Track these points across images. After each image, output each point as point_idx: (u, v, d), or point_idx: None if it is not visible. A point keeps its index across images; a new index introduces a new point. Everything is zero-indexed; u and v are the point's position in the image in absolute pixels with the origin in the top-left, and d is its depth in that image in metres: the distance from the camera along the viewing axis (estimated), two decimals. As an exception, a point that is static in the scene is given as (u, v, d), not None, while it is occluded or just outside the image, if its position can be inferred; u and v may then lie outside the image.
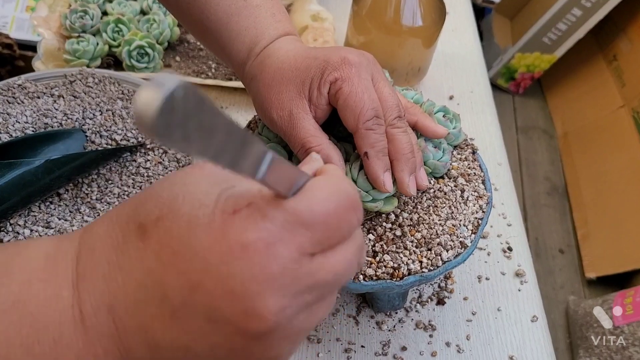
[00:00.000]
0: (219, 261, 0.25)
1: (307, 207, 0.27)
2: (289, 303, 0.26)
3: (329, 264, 0.28)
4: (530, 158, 2.06)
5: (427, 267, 0.47)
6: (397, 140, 0.46)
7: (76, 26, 0.74)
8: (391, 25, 0.72)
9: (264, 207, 0.26)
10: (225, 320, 0.26)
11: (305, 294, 0.27)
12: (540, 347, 0.57)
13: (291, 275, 0.26)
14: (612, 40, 2.04)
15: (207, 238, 0.26)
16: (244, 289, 0.25)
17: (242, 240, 0.25)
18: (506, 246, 0.65)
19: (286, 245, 0.26)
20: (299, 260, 0.26)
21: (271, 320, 0.26)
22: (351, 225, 0.29)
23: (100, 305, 0.27)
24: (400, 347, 0.56)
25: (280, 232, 0.26)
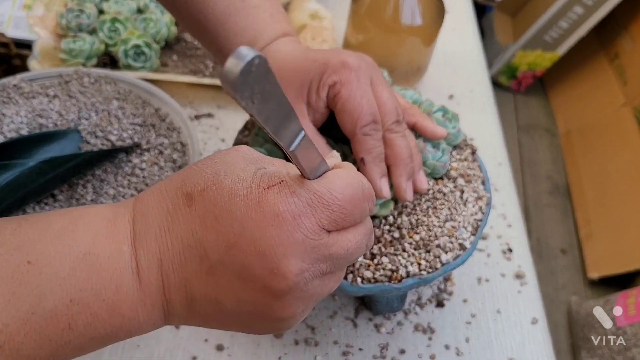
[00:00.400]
0: (254, 226, 0.30)
1: (328, 190, 0.32)
2: (307, 267, 0.31)
3: (343, 241, 0.33)
4: (532, 157, 2.05)
5: (425, 270, 0.46)
6: (395, 145, 0.46)
7: (72, 25, 0.74)
8: (390, 24, 0.71)
9: (293, 185, 0.31)
10: (253, 277, 0.31)
11: (321, 262, 0.32)
12: (540, 350, 0.57)
13: (311, 244, 0.31)
14: (614, 38, 2.03)
15: (245, 206, 0.30)
16: (272, 251, 0.30)
17: (274, 210, 0.30)
18: (506, 247, 0.64)
19: (309, 219, 0.31)
20: (319, 233, 0.31)
21: (291, 280, 0.31)
22: (363, 212, 0.34)
23: (152, 261, 0.32)
24: (399, 350, 0.55)
25: (305, 208, 0.31)
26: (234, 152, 0.34)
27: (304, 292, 0.32)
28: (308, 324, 0.56)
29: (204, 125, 0.73)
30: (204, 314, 0.33)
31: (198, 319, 0.34)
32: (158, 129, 0.61)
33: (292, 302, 0.32)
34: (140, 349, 0.53)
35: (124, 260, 0.32)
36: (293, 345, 0.54)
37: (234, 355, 0.53)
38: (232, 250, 0.30)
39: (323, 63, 0.45)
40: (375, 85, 0.46)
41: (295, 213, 0.31)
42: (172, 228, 0.32)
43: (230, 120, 0.74)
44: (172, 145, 0.60)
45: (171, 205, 0.32)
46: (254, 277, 0.31)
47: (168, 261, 0.32)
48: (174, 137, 0.61)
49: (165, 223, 0.32)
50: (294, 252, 0.30)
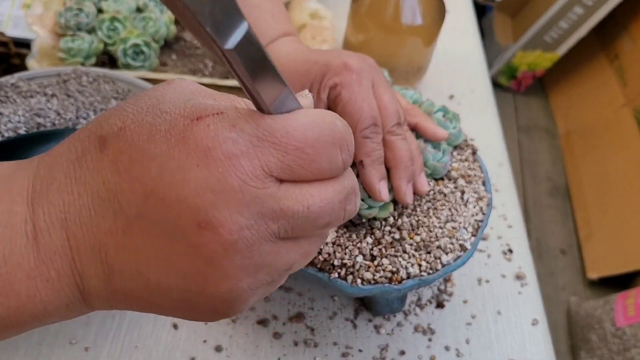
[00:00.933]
0: (175, 167, 0.24)
1: (283, 127, 0.25)
2: (248, 223, 0.25)
3: (301, 195, 0.26)
4: (531, 158, 2.04)
5: (426, 271, 0.46)
6: (395, 147, 0.45)
7: (71, 24, 0.73)
8: (391, 24, 0.71)
9: (235, 117, 0.25)
10: (178, 233, 0.24)
11: (268, 219, 0.25)
12: (540, 351, 0.56)
13: (252, 192, 0.24)
14: (614, 38, 2.03)
15: (165, 143, 0.25)
16: (198, 198, 0.24)
17: (202, 146, 0.24)
18: (507, 248, 0.64)
19: (250, 160, 0.24)
20: (263, 179, 0.25)
21: (226, 237, 0.24)
22: (333, 163, 0.27)
23: (54, 220, 0.26)
24: (399, 351, 0.55)
25: (247, 146, 0.25)
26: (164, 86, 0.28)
27: (248, 259, 0.25)
28: (307, 324, 0.55)
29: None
30: (127, 291, 0.27)
31: (122, 299, 0.27)
32: (157, 128, 0.61)
33: (232, 271, 0.25)
34: (138, 350, 0.52)
35: (14, 223, 0.26)
36: (292, 346, 0.54)
37: (232, 356, 0.53)
38: (150, 199, 0.24)
39: (324, 65, 0.45)
40: (376, 88, 0.46)
41: (231, 151, 0.24)
42: (79, 177, 0.26)
43: (229, 120, 0.73)
44: (171, 144, 0.60)
45: (81, 151, 0.27)
46: (178, 233, 0.25)
47: (75, 218, 0.26)
48: (173, 136, 0.61)
49: (72, 172, 0.26)
50: (228, 201, 0.24)
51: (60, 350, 0.51)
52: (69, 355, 0.51)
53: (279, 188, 0.25)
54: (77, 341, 0.52)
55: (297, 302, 0.57)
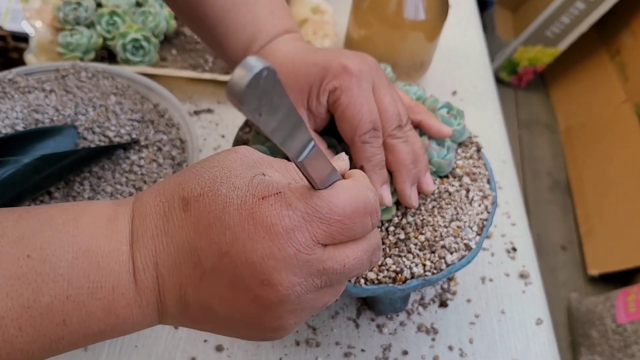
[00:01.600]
0: (246, 237, 0.30)
1: (328, 205, 0.31)
2: (299, 281, 0.31)
3: (339, 256, 0.32)
4: (532, 153, 2.04)
5: (430, 271, 0.45)
6: (397, 151, 0.45)
7: (70, 18, 0.72)
8: (393, 19, 0.70)
9: (290, 197, 0.31)
10: (244, 287, 0.30)
11: (314, 276, 0.31)
12: (545, 352, 0.56)
13: (304, 259, 0.30)
14: (615, 34, 2.01)
15: (238, 216, 0.30)
16: (263, 263, 0.30)
17: (267, 222, 0.30)
18: (510, 246, 0.63)
19: (302, 233, 0.30)
20: (312, 247, 0.31)
21: (282, 293, 0.30)
22: (365, 228, 0.33)
23: (148, 262, 0.32)
24: (402, 351, 0.54)
25: (300, 222, 0.30)
26: (232, 155, 0.34)
27: (296, 305, 0.32)
28: (309, 324, 0.55)
29: (204, 121, 0.72)
30: (196, 317, 0.33)
31: (191, 322, 0.34)
32: (157, 125, 0.60)
33: (284, 314, 0.32)
34: (138, 350, 0.52)
35: (121, 260, 0.32)
36: (294, 346, 0.53)
37: (233, 356, 0.52)
38: (224, 259, 0.30)
39: (323, 67, 0.44)
40: (377, 90, 0.45)
41: (288, 227, 0.30)
42: (167, 230, 0.32)
43: (230, 116, 0.73)
44: (171, 141, 0.59)
45: (167, 208, 0.33)
46: (245, 287, 0.31)
47: (163, 263, 0.32)
48: (173, 133, 0.60)
49: (162, 225, 0.32)
50: (286, 266, 0.30)
51: (59, 350, 0.50)
52: (69, 355, 0.50)
53: (324, 252, 0.31)
54: (76, 341, 0.51)
55: (299, 301, 0.56)
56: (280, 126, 0.25)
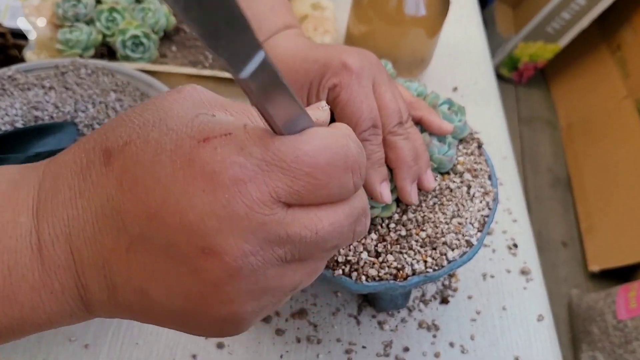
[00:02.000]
0: (180, 191, 0.23)
1: (293, 152, 0.24)
2: (253, 250, 0.24)
3: (309, 220, 0.25)
4: (533, 150, 2.04)
5: (431, 267, 0.45)
6: (397, 148, 0.44)
7: (69, 15, 0.72)
8: (394, 15, 0.69)
9: (244, 139, 0.24)
10: (181, 257, 0.24)
11: (275, 245, 0.25)
12: (546, 348, 0.56)
13: (258, 220, 0.24)
14: (616, 30, 2.01)
15: (171, 165, 0.24)
16: (202, 225, 0.23)
17: (208, 170, 0.23)
18: (511, 243, 0.63)
19: (258, 186, 0.24)
20: (271, 205, 0.24)
21: (230, 264, 0.24)
22: (343, 187, 0.26)
23: (58, 233, 0.26)
24: (403, 348, 0.54)
25: (254, 171, 0.24)
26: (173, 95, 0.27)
27: (252, 284, 0.25)
28: (310, 321, 0.55)
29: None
30: (130, 306, 0.26)
31: (127, 312, 0.27)
32: (157, 121, 0.60)
33: (236, 296, 0.25)
34: (139, 347, 0.51)
35: (19, 234, 0.26)
36: (295, 343, 0.53)
37: (234, 353, 0.52)
38: (153, 222, 0.24)
39: (323, 64, 0.44)
40: (377, 87, 0.44)
41: (237, 177, 0.23)
42: (83, 191, 0.25)
43: (230, 113, 0.72)
44: (171, 138, 0.59)
45: (85, 163, 0.26)
46: (182, 258, 0.24)
47: (79, 233, 0.25)
48: (173, 130, 0.60)
49: (77, 185, 0.26)
50: (233, 228, 0.23)
51: (59, 347, 0.50)
52: (69, 353, 0.50)
53: (287, 213, 0.25)
54: (77, 338, 0.51)
55: (300, 299, 0.56)
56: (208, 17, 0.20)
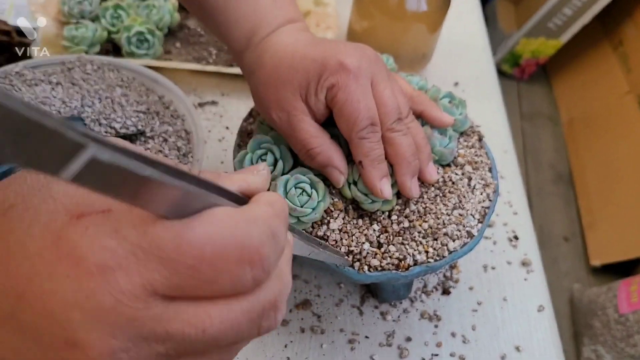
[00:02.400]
0: (46, 273, 0.21)
1: (175, 239, 0.21)
2: (122, 346, 0.21)
3: (195, 317, 0.22)
4: (535, 145, 2.04)
5: (433, 258, 0.46)
6: (396, 144, 0.45)
7: (75, 12, 0.73)
8: (395, 10, 0.70)
9: (122, 220, 0.22)
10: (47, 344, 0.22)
11: (152, 342, 0.22)
12: (546, 338, 0.56)
13: (127, 315, 0.21)
14: (618, 25, 2.01)
15: (41, 240, 0.22)
16: (64, 314, 0.21)
17: (75, 254, 0.21)
18: (512, 235, 0.64)
19: (128, 276, 0.21)
20: (143, 298, 0.21)
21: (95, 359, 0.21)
22: (238, 282, 0.23)
23: None
24: (405, 338, 0.55)
25: (127, 258, 0.21)
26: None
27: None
28: (314, 312, 0.56)
29: (208, 113, 0.72)
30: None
31: None
32: (162, 116, 0.61)
33: None
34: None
35: None
36: (299, 333, 0.54)
37: (240, 343, 0.53)
38: (21, 302, 0.22)
39: (321, 64, 0.44)
40: (376, 84, 0.45)
41: (105, 264, 0.21)
42: None
43: (234, 108, 0.73)
44: (176, 132, 0.60)
45: None
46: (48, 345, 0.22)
47: None
48: (178, 124, 0.61)
49: None
50: (97, 322, 0.21)
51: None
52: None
53: (167, 308, 0.22)
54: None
55: (304, 290, 0.57)
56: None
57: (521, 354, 0.55)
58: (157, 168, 0.20)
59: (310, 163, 0.46)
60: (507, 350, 0.55)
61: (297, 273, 0.58)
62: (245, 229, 0.23)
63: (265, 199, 0.26)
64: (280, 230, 0.25)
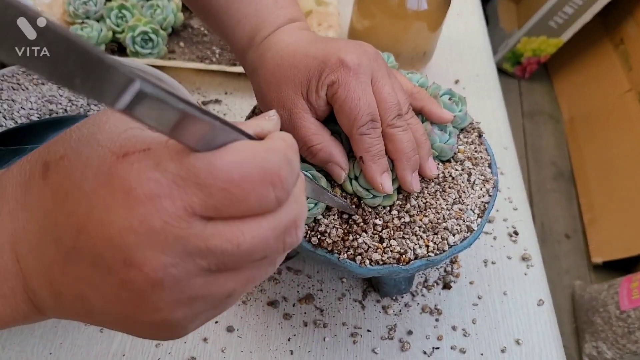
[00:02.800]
0: (102, 206, 0.24)
1: (207, 167, 0.24)
2: (172, 262, 0.25)
3: (230, 233, 0.25)
4: (536, 143, 2.05)
5: (433, 252, 0.47)
6: (396, 140, 0.46)
7: (80, 12, 0.74)
8: (396, 9, 0.71)
9: (160, 155, 0.25)
10: (108, 269, 0.25)
11: (196, 257, 0.25)
12: (546, 331, 0.57)
13: (175, 233, 0.24)
14: (619, 23, 2.02)
15: (94, 180, 0.25)
16: (122, 239, 0.24)
17: (125, 187, 0.24)
18: (512, 230, 0.65)
19: (172, 201, 0.24)
20: (187, 219, 0.24)
21: (151, 276, 0.24)
22: (263, 201, 0.26)
23: (4, 242, 0.27)
24: (407, 331, 0.56)
25: (169, 186, 0.24)
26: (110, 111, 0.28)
27: (180, 293, 0.26)
28: (317, 306, 0.57)
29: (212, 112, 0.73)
30: (77, 310, 0.28)
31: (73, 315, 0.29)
32: (167, 114, 0.62)
33: (163, 305, 0.26)
34: (152, 331, 0.53)
35: None
36: (302, 326, 0.55)
37: (243, 336, 0.54)
38: (82, 235, 0.25)
39: (322, 61, 0.45)
40: (376, 81, 0.46)
41: (152, 192, 0.24)
42: (26, 203, 0.27)
43: (237, 106, 0.74)
44: (180, 130, 0.61)
45: (28, 176, 0.28)
46: (109, 269, 0.25)
47: (24, 243, 0.27)
48: (183, 122, 0.62)
49: (20, 197, 0.27)
50: (150, 242, 0.24)
51: (75, 332, 0.52)
52: (84, 337, 0.52)
53: (206, 227, 0.25)
54: (93, 322, 0.53)
55: (307, 284, 0.58)
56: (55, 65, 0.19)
57: (521, 347, 0.56)
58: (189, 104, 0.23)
59: (312, 160, 0.47)
60: (507, 343, 0.56)
61: (300, 268, 0.59)
62: (265, 156, 0.26)
63: (279, 135, 0.29)
64: (294, 159, 0.28)
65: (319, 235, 0.47)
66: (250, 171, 0.25)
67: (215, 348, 0.53)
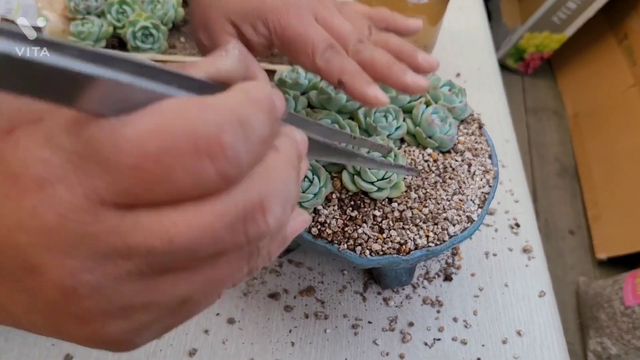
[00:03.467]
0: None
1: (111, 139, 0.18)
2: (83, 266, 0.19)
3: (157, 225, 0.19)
4: (539, 139, 2.04)
5: (433, 242, 0.47)
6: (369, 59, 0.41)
7: (80, 8, 0.74)
8: (396, 2, 0.71)
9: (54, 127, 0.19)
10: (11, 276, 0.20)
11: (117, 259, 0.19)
12: (548, 322, 0.57)
13: (77, 231, 0.19)
14: (623, 18, 2.01)
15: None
16: (13, 239, 0.19)
17: (10, 171, 0.19)
18: (514, 222, 0.65)
19: (68, 188, 0.18)
20: (90, 211, 0.19)
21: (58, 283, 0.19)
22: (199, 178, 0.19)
23: None
24: (408, 323, 0.56)
25: (63, 167, 0.18)
26: None
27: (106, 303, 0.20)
28: (318, 298, 0.57)
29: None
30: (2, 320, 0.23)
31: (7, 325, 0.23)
32: (167, 108, 0.62)
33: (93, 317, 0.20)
34: (153, 323, 0.53)
35: None
36: (303, 318, 0.55)
37: (244, 328, 0.54)
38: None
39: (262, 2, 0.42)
40: (321, 17, 0.43)
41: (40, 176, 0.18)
42: None
43: (238, 101, 0.74)
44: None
45: None
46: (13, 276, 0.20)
47: None
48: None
49: None
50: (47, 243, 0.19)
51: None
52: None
53: (123, 219, 0.19)
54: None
55: (308, 276, 0.58)
56: None
57: (522, 337, 0.56)
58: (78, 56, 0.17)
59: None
60: (509, 334, 0.56)
61: (301, 261, 0.59)
62: (198, 116, 0.19)
63: (240, 86, 0.22)
64: (255, 118, 0.20)
65: (319, 226, 0.47)
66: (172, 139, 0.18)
67: (217, 339, 0.53)
